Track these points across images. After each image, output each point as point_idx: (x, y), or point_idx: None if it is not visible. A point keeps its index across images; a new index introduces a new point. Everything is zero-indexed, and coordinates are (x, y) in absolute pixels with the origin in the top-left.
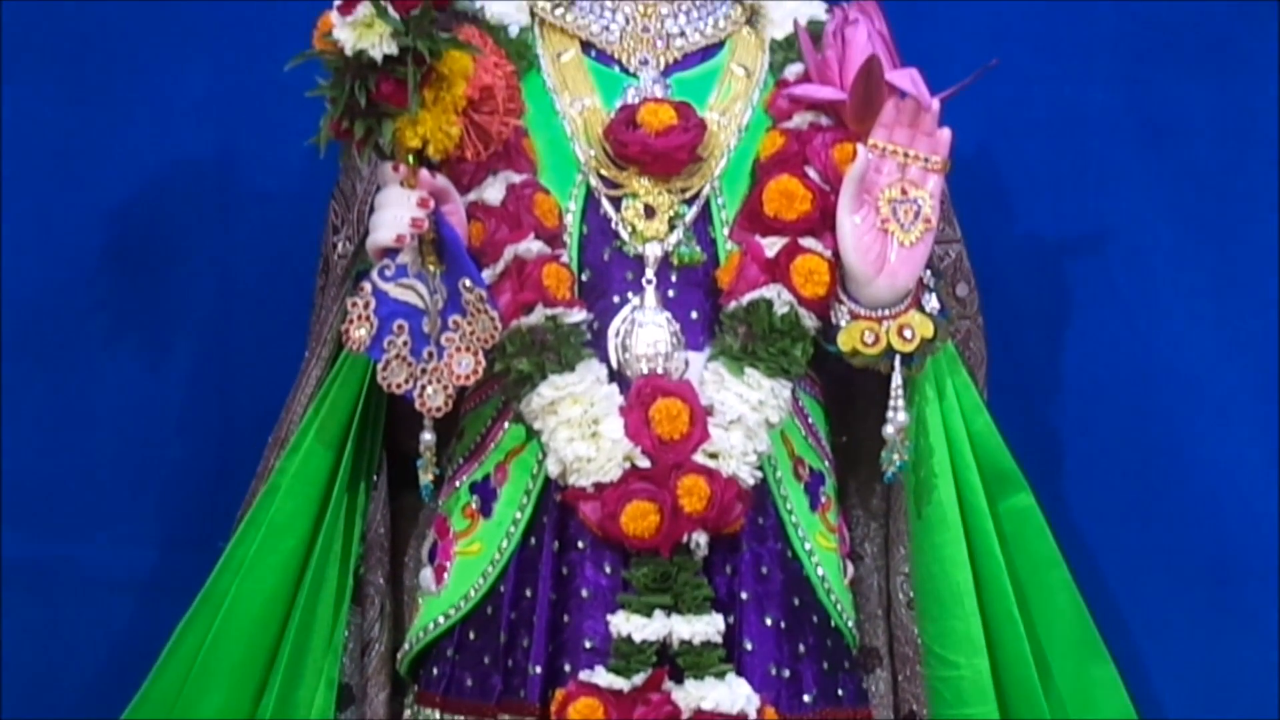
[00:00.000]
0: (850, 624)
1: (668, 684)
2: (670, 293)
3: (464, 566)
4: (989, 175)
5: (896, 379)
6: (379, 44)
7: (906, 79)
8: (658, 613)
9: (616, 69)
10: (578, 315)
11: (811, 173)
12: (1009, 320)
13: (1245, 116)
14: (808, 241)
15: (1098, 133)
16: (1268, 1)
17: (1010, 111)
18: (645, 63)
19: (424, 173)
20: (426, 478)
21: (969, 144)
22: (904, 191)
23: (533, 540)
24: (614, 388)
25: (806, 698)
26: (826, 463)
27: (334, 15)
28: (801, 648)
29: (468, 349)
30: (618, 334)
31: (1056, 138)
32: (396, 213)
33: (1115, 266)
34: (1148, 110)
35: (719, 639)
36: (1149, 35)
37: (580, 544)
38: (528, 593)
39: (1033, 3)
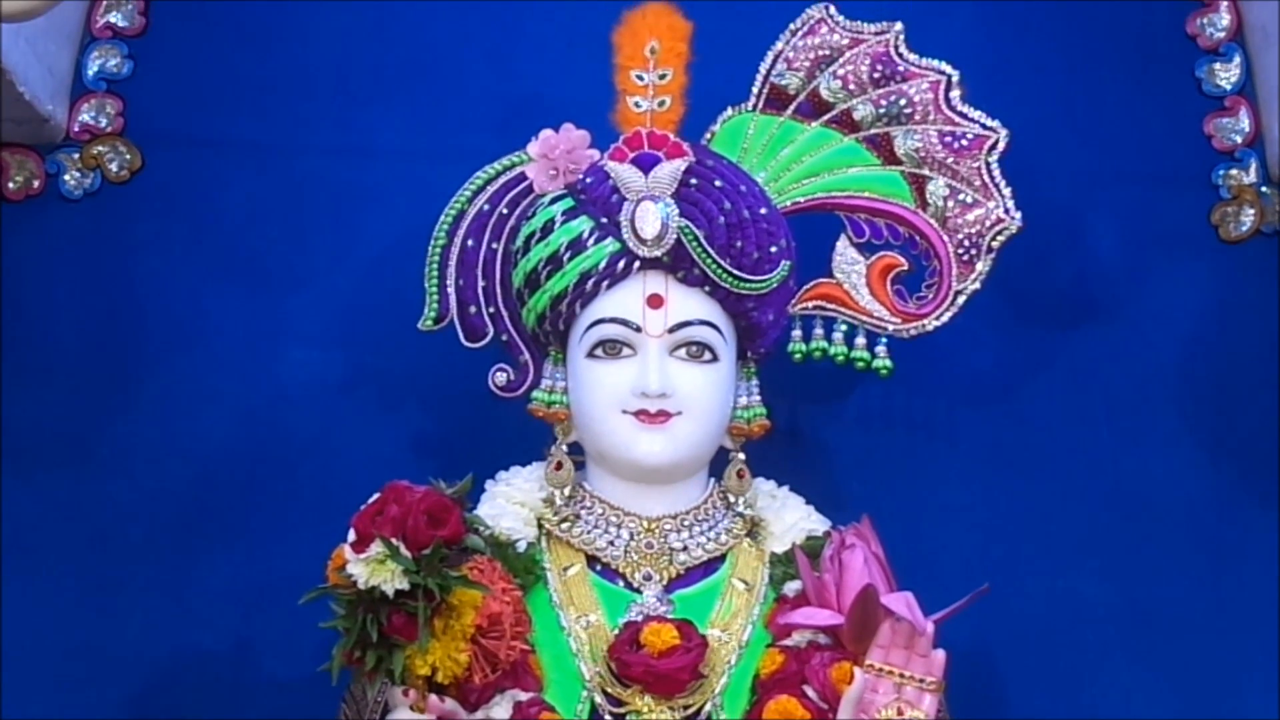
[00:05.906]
0: None
1: None
2: None
3: None
4: (984, 670)
5: None
6: (391, 580)
7: (902, 603)
8: None
9: (621, 584)
10: None
11: (810, 692)
12: None
13: (1240, 608)
14: None
15: (1090, 625)
16: (1266, 509)
17: (1003, 607)
18: (649, 578)
19: (433, 698)
20: None
21: (962, 639)
22: (900, 711)
23: None
24: None
25: None
26: None
27: (348, 551)
28: None
29: None
30: None
31: (1049, 632)
32: None
33: None
34: (1138, 601)
35: None
36: (1137, 525)
37: None
38: None
39: (1017, 494)
